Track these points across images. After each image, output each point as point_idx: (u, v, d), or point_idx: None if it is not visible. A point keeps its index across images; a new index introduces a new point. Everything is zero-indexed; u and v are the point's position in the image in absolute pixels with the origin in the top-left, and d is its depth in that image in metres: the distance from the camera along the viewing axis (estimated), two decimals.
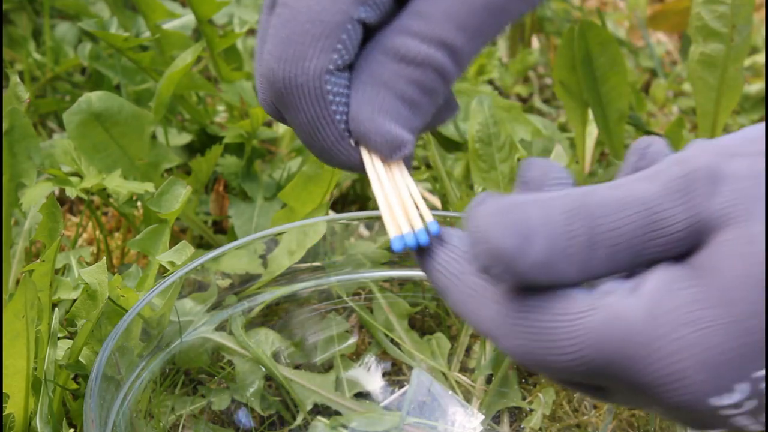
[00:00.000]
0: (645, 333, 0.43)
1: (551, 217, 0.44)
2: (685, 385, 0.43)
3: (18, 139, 0.81)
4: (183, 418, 0.73)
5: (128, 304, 0.70)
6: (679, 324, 0.42)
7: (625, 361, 0.43)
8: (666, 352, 0.42)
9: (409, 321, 0.80)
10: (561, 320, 0.44)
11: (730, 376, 0.42)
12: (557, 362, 0.44)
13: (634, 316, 0.43)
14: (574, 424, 0.75)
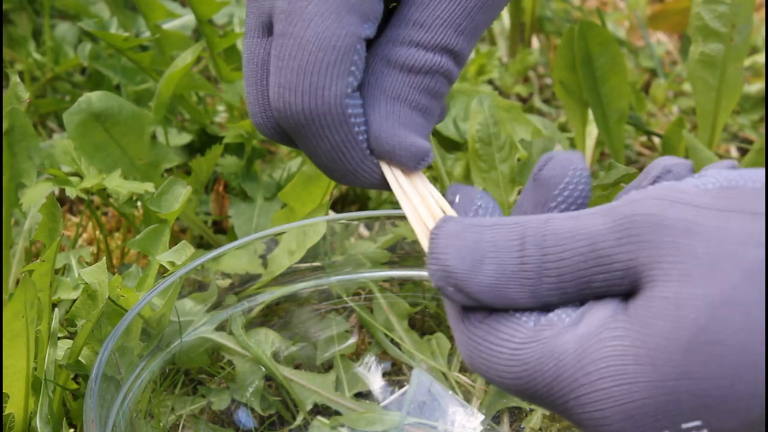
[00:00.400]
0: (573, 377, 0.44)
1: (503, 243, 0.46)
2: (611, 430, 0.44)
3: (18, 139, 0.81)
4: (183, 418, 0.73)
5: (128, 304, 0.70)
6: (604, 375, 0.44)
7: (555, 398, 0.45)
8: (591, 399, 0.44)
9: (409, 321, 0.80)
10: (504, 348, 0.46)
11: (657, 425, 0.43)
12: (500, 383, 0.46)
13: (565, 358, 0.44)
14: None
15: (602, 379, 0.44)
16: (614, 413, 0.44)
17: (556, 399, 0.45)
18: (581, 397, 0.44)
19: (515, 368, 0.46)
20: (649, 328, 0.43)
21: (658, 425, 0.43)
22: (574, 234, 0.45)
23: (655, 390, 0.43)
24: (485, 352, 0.46)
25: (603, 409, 0.44)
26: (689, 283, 0.42)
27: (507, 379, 0.46)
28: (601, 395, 0.44)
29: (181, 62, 0.88)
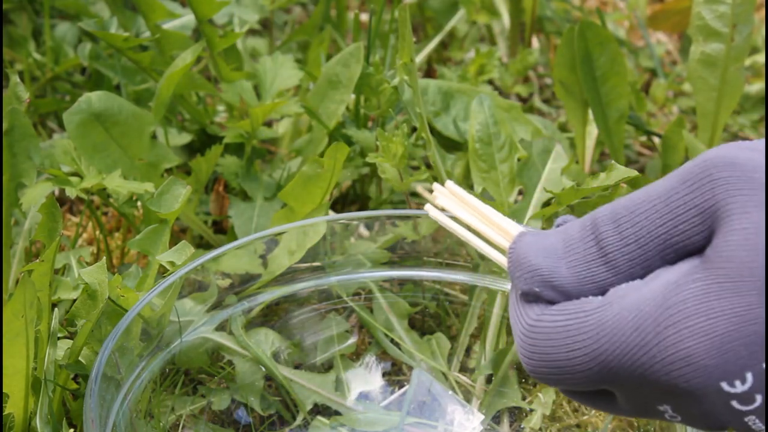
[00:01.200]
0: (655, 323, 0.44)
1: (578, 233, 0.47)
2: (695, 369, 0.44)
3: (18, 139, 0.81)
4: (183, 418, 0.73)
5: (128, 304, 0.70)
6: (690, 314, 0.44)
7: (634, 352, 0.45)
8: (677, 339, 0.44)
9: (409, 321, 0.80)
10: (574, 318, 0.46)
11: (741, 363, 0.43)
12: (571, 363, 0.46)
13: (645, 308, 0.44)
14: (574, 424, 0.75)
15: (687, 318, 0.44)
16: (701, 350, 0.44)
17: (635, 354, 0.45)
18: (665, 340, 0.44)
19: (590, 333, 0.45)
20: (730, 261, 0.43)
21: (741, 363, 0.43)
22: (645, 198, 0.46)
23: (741, 319, 0.43)
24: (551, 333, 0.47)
25: (690, 347, 0.44)
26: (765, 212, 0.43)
27: (580, 349, 0.46)
28: (686, 333, 0.44)
29: (181, 62, 0.88)
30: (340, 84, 0.91)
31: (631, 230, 0.46)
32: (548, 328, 0.47)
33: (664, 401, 0.46)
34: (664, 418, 0.48)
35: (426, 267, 0.79)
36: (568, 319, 0.46)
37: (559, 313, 0.47)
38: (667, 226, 0.46)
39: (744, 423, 0.45)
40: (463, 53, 1.21)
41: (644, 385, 0.46)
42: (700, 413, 0.46)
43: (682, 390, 0.45)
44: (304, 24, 1.13)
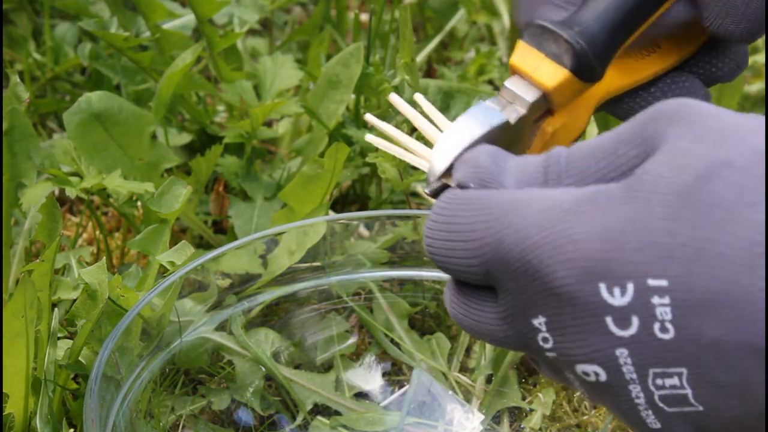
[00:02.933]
0: (563, 208, 0.44)
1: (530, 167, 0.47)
2: (579, 255, 0.43)
3: (18, 139, 0.81)
4: (183, 418, 0.73)
5: (128, 304, 0.70)
6: (594, 210, 0.43)
7: (534, 231, 0.44)
8: (573, 224, 0.43)
9: (409, 321, 0.80)
10: (488, 193, 0.46)
11: (626, 269, 0.42)
12: (471, 236, 0.46)
13: (561, 196, 0.44)
14: (574, 424, 0.75)
15: (591, 212, 0.43)
16: (590, 236, 0.43)
17: (531, 235, 0.44)
18: (563, 223, 0.43)
19: (497, 207, 0.45)
20: (650, 174, 0.43)
21: (626, 269, 0.42)
22: (597, 139, 0.46)
23: (639, 225, 0.42)
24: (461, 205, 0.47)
25: (579, 232, 0.43)
26: (699, 143, 0.43)
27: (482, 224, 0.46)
28: (583, 221, 0.43)
29: (181, 62, 0.88)
30: (340, 84, 0.91)
31: (575, 165, 0.46)
32: (462, 198, 0.47)
33: (540, 310, 0.45)
34: (537, 349, 0.46)
35: (426, 267, 0.79)
36: (482, 194, 0.46)
37: (473, 192, 0.47)
38: (608, 160, 0.45)
39: (614, 357, 0.43)
40: (463, 53, 1.21)
41: (527, 279, 0.44)
42: (573, 332, 0.44)
43: (561, 285, 0.43)
44: (304, 24, 1.13)
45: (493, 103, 0.51)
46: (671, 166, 0.42)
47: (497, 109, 0.51)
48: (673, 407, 0.44)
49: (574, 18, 0.52)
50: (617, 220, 0.42)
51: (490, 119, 0.50)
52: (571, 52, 0.50)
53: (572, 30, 0.51)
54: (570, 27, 0.51)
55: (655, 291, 0.42)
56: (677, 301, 0.42)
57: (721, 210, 0.41)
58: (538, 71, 0.51)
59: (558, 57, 0.51)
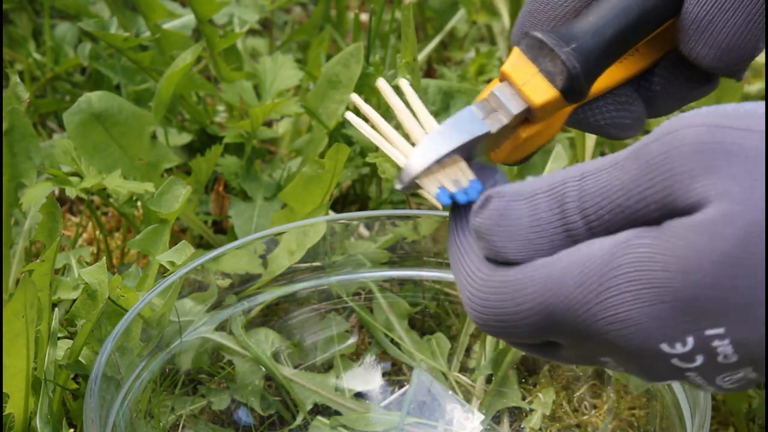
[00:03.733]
0: (601, 280, 0.45)
1: (545, 216, 0.47)
2: (634, 331, 0.45)
3: (18, 139, 0.81)
4: (183, 418, 0.73)
5: (128, 304, 0.70)
6: (632, 278, 0.44)
7: (579, 307, 0.45)
8: (618, 301, 0.44)
9: (409, 321, 0.80)
10: (523, 273, 0.47)
11: (681, 329, 0.44)
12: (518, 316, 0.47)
13: (590, 264, 0.45)
14: (574, 424, 0.75)
15: (630, 282, 0.44)
16: (640, 314, 0.44)
17: (578, 309, 0.45)
18: (606, 300, 0.45)
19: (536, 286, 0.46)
20: (681, 239, 0.44)
21: (682, 329, 0.44)
22: (608, 188, 0.46)
23: (683, 296, 0.43)
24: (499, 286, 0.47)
25: (629, 311, 0.44)
26: (727, 201, 0.43)
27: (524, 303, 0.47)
28: (628, 297, 0.44)
29: (181, 62, 0.88)
30: (340, 84, 0.91)
31: (596, 221, 0.47)
32: (499, 283, 0.47)
33: (606, 354, 0.47)
34: (608, 367, 0.49)
35: (426, 267, 0.79)
36: (518, 274, 0.47)
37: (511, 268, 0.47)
38: (629, 216, 0.46)
39: (685, 377, 0.46)
40: (463, 53, 1.21)
41: (587, 339, 0.46)
42: (641, 368, 0.47)
43: (622, 348, 0.45)
44: (304, 24, 1.13)
45: (478, 109, 0.51)
46: (703, 233, 0.43)
47: (481, 117, 0.51)
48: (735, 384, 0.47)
49: (572, 29, 0.51)
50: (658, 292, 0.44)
51: (473, 128, 0.51)
52: (565, 74, 0.51)
53: (568, 47, 0.51)
54: (567, 43, 0.51)
55: (715, 337, 0.44)
56: (736, 339, 0.44)
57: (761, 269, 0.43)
58: (527, 85, 0.51)
59: (551, 75, 0.51)
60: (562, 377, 0.77)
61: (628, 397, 0.74)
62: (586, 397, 0.76)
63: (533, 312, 0.47)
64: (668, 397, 0.68)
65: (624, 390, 0.74)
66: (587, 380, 0.76)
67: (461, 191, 0.51)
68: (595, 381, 0.76)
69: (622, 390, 0.74)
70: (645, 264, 0.44)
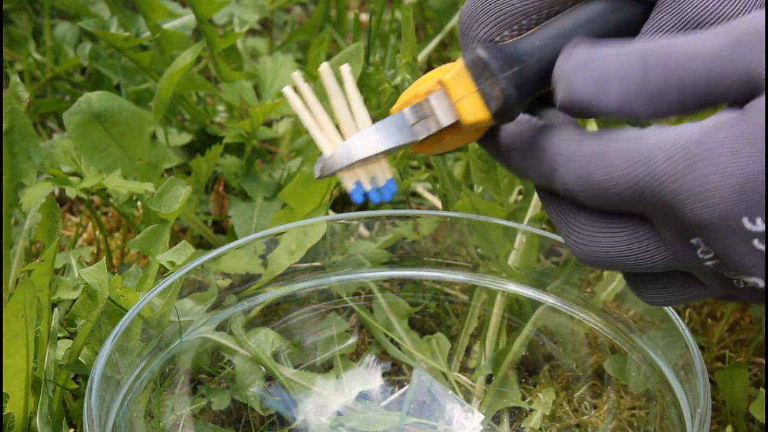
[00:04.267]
0: (689, 156, 0.48)
1: (628, 68, 0.50)
2: (718, 201, 0.48)
3: (18, 139, 0.81)
4: (183, 418, 0.73)
5: (128, 304, 0.70)
6: (720, 153, 0.47)
7: (666, 179, 0.48)
8: (705, 172, 0.47)
9: (409, 321, 0.80)
10: (618, 142, 0.50)
11: (760, 205, 0.47)
12: (609, 181, 0.50)
13: (682, 141, 0.48)
14: (574, 424, 0.75)
15: (718, 156, 0.47)
16: (726, 185, 0.47)
17: (665, 182, 0.48)
18: (693, 172, 0.48)
19: (630, 156, 0.49)
20: (761, 112, 0.47)
21: (759, 207, 0.47)
22: (695, 51, 0.49)
23: (763, 171, 0.47)
24: (596, 154, 0.50)
25: (714, 181, 0.47)
26: None
27: (620, 172, 0.49)
28: (713, 169, 0.47)
29: (181, 62, 0.88)
30: (340, 84, 0.91)
31: (676, 81, 0.49)
32: (590, 146, 0.50)
33: (694, 233, 0.49)
34: (696, 262, 0.51)
35: (426, 267, 0.79)
36: (608, 142, 0.50)
37: (600, 138, 0.50)
38: (711, 85, 0.49)
39: (758, 269, 0.49)
40: None
41: (673, 214, 0.49)
42: (726, 251, 0.49)
43: (706, 222, 0.48)
44: (304, 24, 1.13)
45: (411, 113, 0.53)
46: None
47: (411, 122, 0.53)
48: None
49: (520, 48, 0.53)
50: (743, 164, 0.47)
51: (401, 136, 0.53)
52: (501, 101, 0.52)
53: (510, 71, 0.52)
54: (510, 65, 0.52)
55: None
56: None
57: None
58: (463, 102, 0.52)
59: (487, 97, 0.52)
60: (562, 377, 0.77)
61: (628, 397, 0.74)
62: (586, 397, 0.76)
63: (622, 182, 0.49)
64: (668, 397, 0.68)
65: (624, 390, 0.74)
66: (587, 380, 0.76)
67: (375, 190, 0.53)
68: (595, 381, 0.76)
69: (622, 390, 0.74)
70: (732, 140, 0.47)
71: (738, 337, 0.85)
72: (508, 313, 0.78)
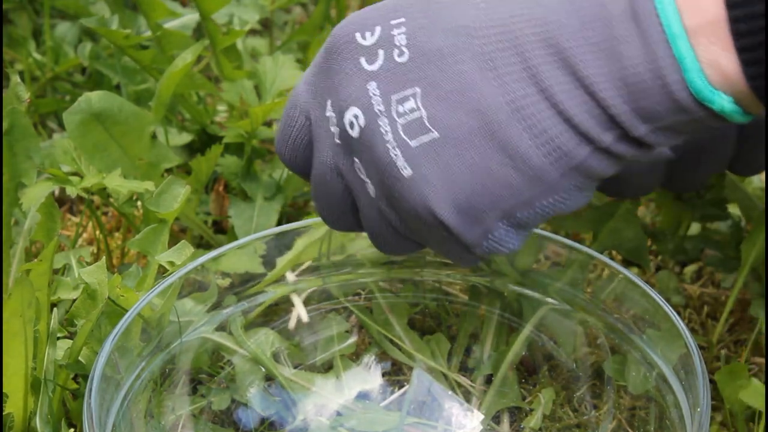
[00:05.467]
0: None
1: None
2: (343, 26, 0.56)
3: (18, 139, 0.81)
4: (183, 418, 0.73)
5: (128, 304, 0.70)
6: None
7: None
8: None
9: (409, 321, 0.80)
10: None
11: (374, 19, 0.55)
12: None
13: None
14: (574, 424, 0.75)
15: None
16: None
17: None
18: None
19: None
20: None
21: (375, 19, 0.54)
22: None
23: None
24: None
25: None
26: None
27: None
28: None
29: (182, 62, 0.88)
30: None
31: None
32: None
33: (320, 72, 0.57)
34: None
35: (426, 267, 0.79)
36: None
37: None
38: None
39: (366, 92, 0.54)
40: None
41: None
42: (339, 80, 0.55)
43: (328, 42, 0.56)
44: (304, 24, 1.13)
45: None
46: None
47: None
48: (415, 138, 0.53)
49: None
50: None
51: None
52: None
53: None
54: None
55: (395, 27, 0.54)
56: (410, 29, 0.53)
57: None
58: None
59: None
60: (562, 377, 0.77)
61: (628, 397, 0.74)
62: (586, 397, 0.76)
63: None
64: (668, 397, 0.68)
65: (624, 390, 0.74)
66: (587, 380, 0.76)
67: None
68: (595, 381, 0.76)
69: (622, 390, 0.74)
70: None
71: (738, 337, 0.85)
72: (508, 313, 0.78)
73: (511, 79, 0.52)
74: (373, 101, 0.53)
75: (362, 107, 0.54)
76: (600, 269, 0.76)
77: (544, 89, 0.52)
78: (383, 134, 0.54)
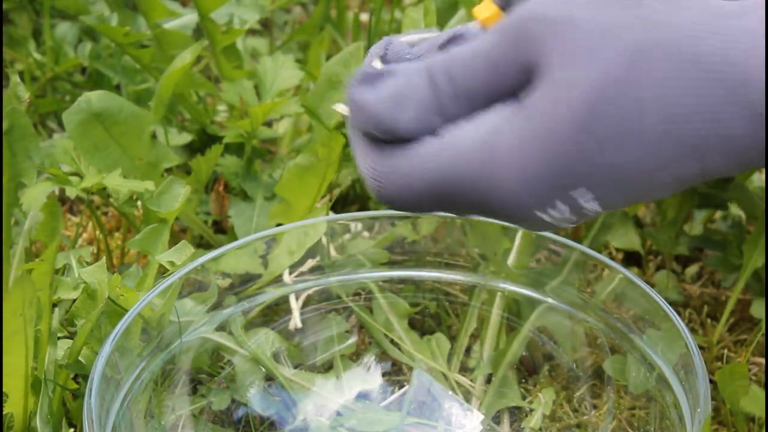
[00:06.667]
0: (483, 161, 0.52)
1: (416, 83, 0.53)
2: (513, 200, 0.52)
3: (18, 139, 0.81)
4: (183, 418, 0.73)
5: (128, 304, 0.70)
6: (505, 154, 0.51)
7: (467, 184, 0.52)
8: (494, 177, 0.52)
9: (409, 321, 0.80)
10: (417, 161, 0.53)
11: (551, 195, 0.51)
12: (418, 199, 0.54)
13: (471, 153, 0.52)
14: (574, 424, 0.75)
15: (504, 156, 0.51)
16: (516, 184, 0.51)
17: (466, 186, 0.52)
18: (487, 181, 0.51)
19: (427, 176, 0.53)
20: (538, 110, 0.49)
21: (551, 195, 0.51)
22: (474, 55, 0.52)
23: (548, 159, 0.50)
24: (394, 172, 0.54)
25: (507, 180, 0.51)
26: (573, 67, 0.48)
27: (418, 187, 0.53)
28: (506, 169, 0.51)
29: (181, 61, 0.88)
30: (340, 84, 0.91)
31: (463, 86, 0.52)
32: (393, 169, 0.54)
33: (488, 215, 0.54)
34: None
35: (426, 267, 0.79)
36: (411, 163, 0.53)
37: (403, 157, 0.54)
38: (494, 81, 0.52)
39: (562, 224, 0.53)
40: None
41: (475, 209, 0.54)
42: (531, 227, 0.54)
43: (505, 214, 0.53)
44: (304, 24, 1.13)
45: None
46: (555, 100, 0.49)
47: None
48: None
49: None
50: (528, 159, 0.50)
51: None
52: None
53: None
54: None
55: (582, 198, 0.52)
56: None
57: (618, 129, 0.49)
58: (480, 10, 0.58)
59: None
60: (562, 377, 0.77)
61: (628, 397, 0.74)
62: (586, 397, 0.76)
63: (429, 194, 0.54)
64: (668, 397, 0.68)
65: (624, 390, 0.74)
66: (587, 380, 0.76)
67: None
68: (595, 381, 0.76)
69: (622, 390, 0.74)
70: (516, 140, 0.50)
71: (738, 337, 0.85)
72: (508, 313, 0.78)
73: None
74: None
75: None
76: (600, 269, 0.76)
77: None
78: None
